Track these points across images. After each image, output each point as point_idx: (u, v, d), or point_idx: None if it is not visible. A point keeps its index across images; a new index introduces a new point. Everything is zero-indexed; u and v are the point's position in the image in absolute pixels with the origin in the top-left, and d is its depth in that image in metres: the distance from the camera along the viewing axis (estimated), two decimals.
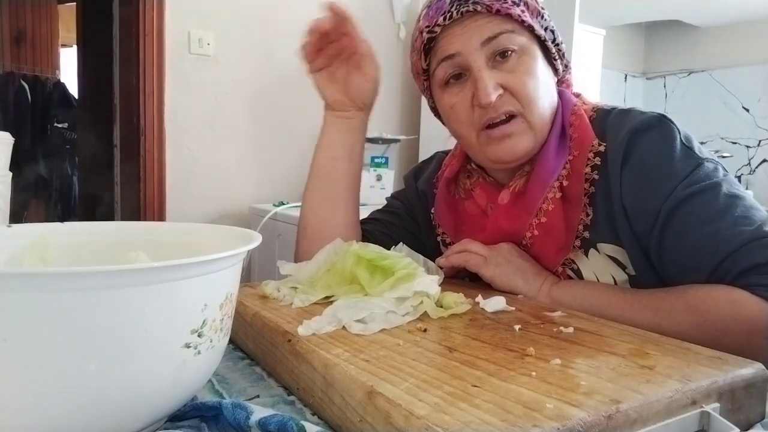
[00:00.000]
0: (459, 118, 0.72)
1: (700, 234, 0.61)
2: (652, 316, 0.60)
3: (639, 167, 0.65)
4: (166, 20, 2.25)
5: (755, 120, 2.24)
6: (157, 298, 0.37)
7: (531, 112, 0.69)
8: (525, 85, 0.68)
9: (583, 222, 0.69)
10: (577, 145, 0.70)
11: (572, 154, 0.70)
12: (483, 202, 0.79)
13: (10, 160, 0.79)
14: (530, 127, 0.70)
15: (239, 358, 0.60)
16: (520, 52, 0.69)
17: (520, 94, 0.68)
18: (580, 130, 0.71)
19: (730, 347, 0.49)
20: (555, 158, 0.70)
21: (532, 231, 0.71)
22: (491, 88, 0.67)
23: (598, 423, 0.35)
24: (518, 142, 0.70)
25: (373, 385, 0.40)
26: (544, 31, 0.71)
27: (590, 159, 0.69)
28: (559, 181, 0.70)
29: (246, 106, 2.49)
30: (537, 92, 0.69)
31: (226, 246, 0.43)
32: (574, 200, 0.69)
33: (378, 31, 2.80)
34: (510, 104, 0.69)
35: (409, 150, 2.79)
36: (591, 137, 0.69)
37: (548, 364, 0.44)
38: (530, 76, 0.69)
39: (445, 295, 0.61)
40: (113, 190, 2.57)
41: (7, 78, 3.99)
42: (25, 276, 0.35)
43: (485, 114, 0.69)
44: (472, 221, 0.80)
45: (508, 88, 0.68)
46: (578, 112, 0.73)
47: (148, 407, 0.40)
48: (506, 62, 0.69)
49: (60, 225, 0.56)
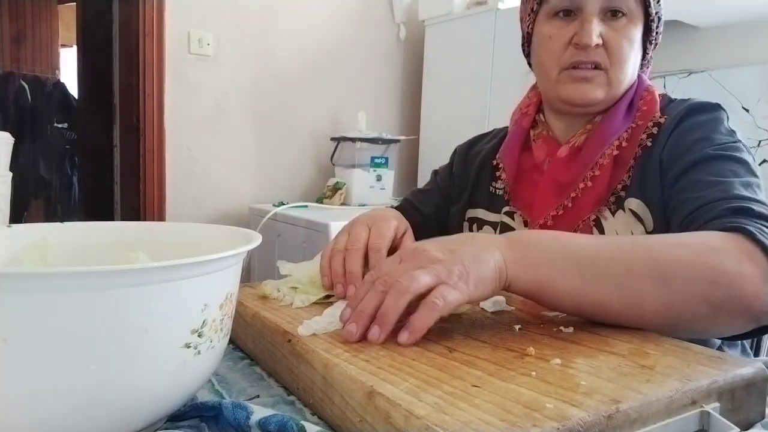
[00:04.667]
0: (552, 49, 0.77)
1: (704, 184, 0.65)
2: (645, 252, 0.54)
3: (685, 131, 0.72)
4: (166, 20, 2.25)
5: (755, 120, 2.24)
6: (157, 298, 0.37)
7: (615, 72, 0.75)
8: (621, 47, 0.74)
9: (623, 182, 0.74)
10: (642, 116, 0.76)
11: (636, 123, 0.76)
12: (542, 155, 0.83)
13: (10, 160, 0.80)
14: (608, 83, 0.76)
15: (239, 358, 0.60)
16: (629, 17, 0.75)
17: (613, 52, 0.74)
18: (649, 104, 0.77)
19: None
20: (620, 121, 0.76)
21: (586, 182, 0.76)
22: (595, 34, 0.73)
23: (598, 423, 0.35)
24: (593, 89, 0.75)
25: (373, 385, 0.40)
26: (654, 13, 0.77)
27: (648, 128, 0.75)
28: (618, 141, 0.75)
29: (246, 106, 2.49)
30: (628, 57, 0.75)
31: (226, 246, 0.42)
32: (625, 162, 0.75)
33: (378, 31, 2.80)
34: (602, 57, 0.74)
35: (409, 150, 2.79)
36: (655, 110, 0.76)
37: (548, 364, 0.44)
38: (629, 41, 0.75)
39: None
40: (113, 190, 2.57)
41: (6, 78, 3.98)
42: (25, 276, 0.35)
43: (576, 55, 0.75)
44: (526, 175, 0.84)
45: (607, 43, 0.74)
46: (652, 90, 0.79)
47: (148, 407, 0.40)
48: (615, 21, 0.74)
49: (60, 225, 0.56)
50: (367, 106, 2.67)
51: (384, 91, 2.87)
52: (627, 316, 0.53)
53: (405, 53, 2.89)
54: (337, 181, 2.50)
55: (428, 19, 2.66)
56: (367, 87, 2.81)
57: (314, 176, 2.67)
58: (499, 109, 2.24)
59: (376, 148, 2.51)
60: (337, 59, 2.69)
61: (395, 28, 2.85)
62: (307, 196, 2.60)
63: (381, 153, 2.52)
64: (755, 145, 2.24)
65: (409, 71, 2.90)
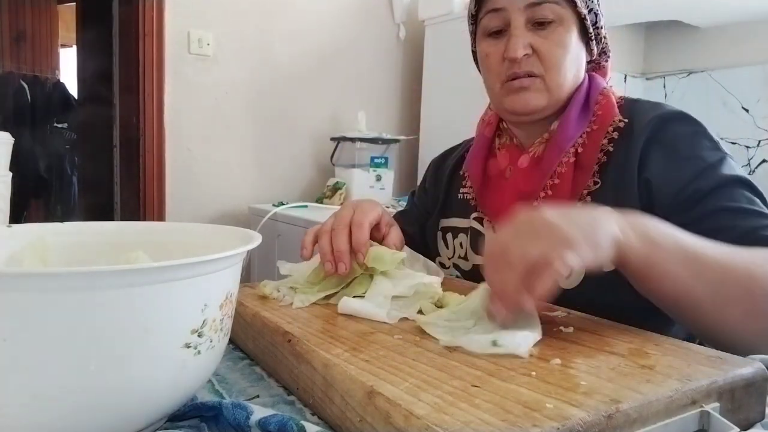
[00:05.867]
0: (490, 67, 0.80)
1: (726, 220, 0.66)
2: (742, 262, 0.58)
3: (670, 146, 0.71)
4: (165, 20, 2.25)
5: (755, 120, 2.24)
6: (157, 298, 0.37)
7: (551, 77, 0.76)
8: (551, 52, 0.75)
9: (588, 189, 0.75)
10: (599, 121, 0.77)
11: (591, 128, 0.77)
12: (505, 163, 0.84)
13: (10, 160, 0.80)
14: (547, 89, 0.76)
15: (239, 358, 0.61)
16: (557, 22, 0.75)
17: (545, 58, 0.75)
18: (605, 108, 0.77)
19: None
20: (574, 128, 0.77)
21: (546, 191, 0.77)
22: (520, 46, 0.74)
23: (598, 423, 0.35)
24: (532, 97, 0.76)
25: (373, 385, 0.40)
26: (586, 11, 0.77)
27: (609, 132, 0.75)
28: (574, 147, 0.76)
29: (246, 106, 2.49)
30: (562, 61, 0.76)
31: (226, 246, 0.43)
32: (586, 168, 0.75)
33: (378, 31, 2.80)
34: (534, 66, 0.75)
35: (409, 150, 2.79)
36: (614, 114, 0.76)
37: (548, 363, 0.44)
38: (559, 45, 0.75)
39: (445, 295, 0.61)
40: (113, 190, 2.57)
41: (6, 78, 3.98)
42: (25, 276, 0.35)
43: (510, 68, 0.76)
44: (492, 182, 0.86)
45: (537, 51, 0.75)
46: (606, 93, 0.79)
47: (148, 407, 0.40)
48: (543, 29, 0.75)
49: (60, 225, 0.56)
50: (367, 106, 2.67)
51: (384, 91, 2.87)
52: (713, 317, 0.57)
53: (405, 53, 2.89)
54: (336, 181, 2.50)
55: (428, 19, 2.66)
56: (367, 87, 2.80)
57: (314, 176, 2.67)
58: None
59: (376, 148, 2.51)
60: (337, 59, 2.69)
61: (395, 28, 2.85)
62: (306, 196, 2.60)
63: (381, 153, 2.52)
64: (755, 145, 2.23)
65: (409, 71, 2.90)
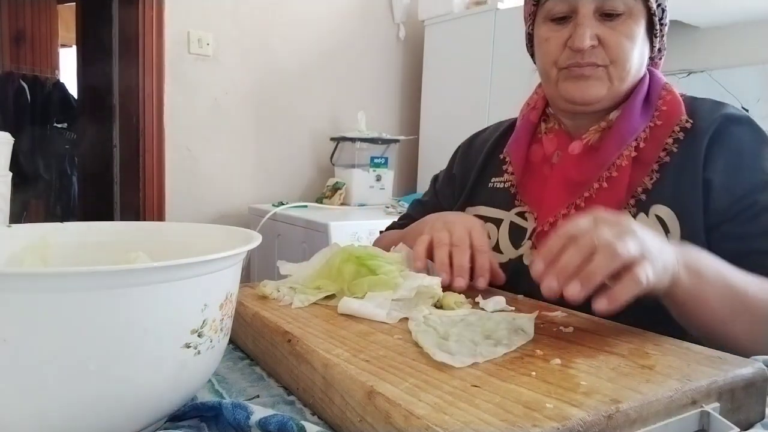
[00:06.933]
0: (548, 52, 0.77)
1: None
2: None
3: (734, 151, 0.70)
4: (165, 20, 2.25)
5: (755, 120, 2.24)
6: (157, 298, 0.37)
7: (616, 69, 0.74)
8: (619, 44, 0.73)
9: (644, 185, 0.73)
10: (664, 116, 0.75)
11: (654, 123, 0.75)
12: (551, 149, 0.82)
13: (10, 160, 0.80)
14: (609, 80, 0.74)
15: (239, 358, 0.60)
16: (627, 14, 0.73)
17: (612, 50, 0.73)
18: (671, 104, 0.75)
19: None
20: (637, 120, 0.75)
21: (601, 183, 0.74)
22: (587, 36, 0.72)
23: (598, 423, 0.35)
24: (592, 86, 0.74)
25: (373, 385, 0.40)
26: (656, 6, 0.75)
27: (675, 132, 0.73)
28: (636, 141, 0.74)
29: (246, 106, 2.49)
30: (629, 54, 0.73)
31: (226, 246, 0.42)
32: (645, 163, 0.73)
33: (378, 31, 2.80)
34: (598, 56, 0.73)
35: (409, 150, 2.79)
36: (680, 113, 0.74)
37: (548, 363, 0.44)
38: (628, 38, 0.73)
39: (445, 296, 0.61)
40: (113, 190, 2.57)
41: (6, 78, 3.98)
42: (25, 276, 0.35)
43: (572, 57, 0.74)
44: (534, 168, 0.83)
45: (603, 42, 0.73)
46: (670, 89, 0.78)
47: (148, 407, 0.40)
48: (611, 20, 0.73)
49: (60, 225, 0.56)
50: (367, 106, 2.67)
51: (384, 91, 2.87)
52: (744, 347, 0.56)
53: (405, 53, 2.89)
54: (336, 181, 2.50)
55: (428, 19, 2.66)
56: (367, 87, 2.80)
57: (314, 176, 2.67)
58: (499, 108, 2.24)
59: (376, 148, 2.51)
60: (336, 59, 2.69)
61: (395, 27, 2.85)
62: (306, 196, 2.60)
63: (380, 153, 2.52)
64: None
65: (408, 71, 2.90)
